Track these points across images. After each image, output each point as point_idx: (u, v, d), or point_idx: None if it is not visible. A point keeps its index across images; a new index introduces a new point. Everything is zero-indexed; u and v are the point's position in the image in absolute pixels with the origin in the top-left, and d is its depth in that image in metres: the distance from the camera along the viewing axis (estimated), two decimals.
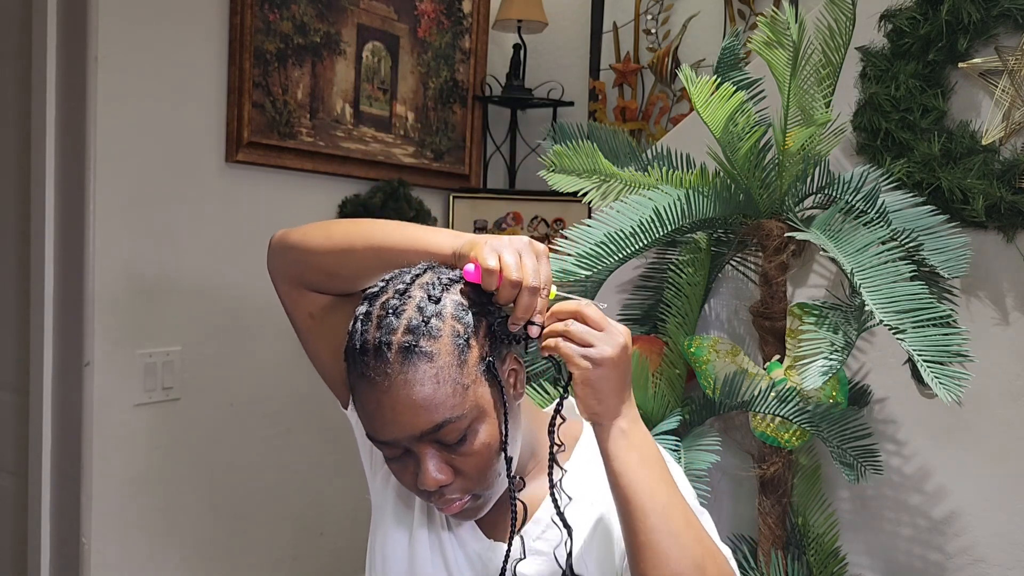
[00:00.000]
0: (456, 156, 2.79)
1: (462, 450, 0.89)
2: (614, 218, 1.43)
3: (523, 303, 0.87)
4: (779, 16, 1.44)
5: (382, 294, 0.90)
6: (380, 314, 0.88)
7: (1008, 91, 1.61)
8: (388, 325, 0.87)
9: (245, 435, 2.22)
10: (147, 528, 2.02)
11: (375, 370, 0.86)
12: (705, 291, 1.77)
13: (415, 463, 0.90)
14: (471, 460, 0.90)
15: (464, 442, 0.89)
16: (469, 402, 0.88)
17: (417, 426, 0.87)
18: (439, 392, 0.86)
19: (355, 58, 2.43)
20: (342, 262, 0.99)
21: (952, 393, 1.20)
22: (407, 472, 0.92)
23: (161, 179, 2.01)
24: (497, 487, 0.94)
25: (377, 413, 0.87)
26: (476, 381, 0.89)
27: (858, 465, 1.49)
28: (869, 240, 1.37)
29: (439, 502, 0.93)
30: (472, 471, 0.90)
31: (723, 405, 1.58)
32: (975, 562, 1.69)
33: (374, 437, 0.90)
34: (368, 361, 0.87)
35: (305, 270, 1.04)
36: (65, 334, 1.93)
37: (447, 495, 0.91)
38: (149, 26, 1.96)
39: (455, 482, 0.90)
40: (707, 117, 1.47)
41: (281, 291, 1.09)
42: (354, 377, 0.89)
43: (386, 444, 0.90)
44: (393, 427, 0.87)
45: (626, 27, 2.92)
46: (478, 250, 0.88)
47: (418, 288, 0.89)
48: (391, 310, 0.87)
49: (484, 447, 0.90)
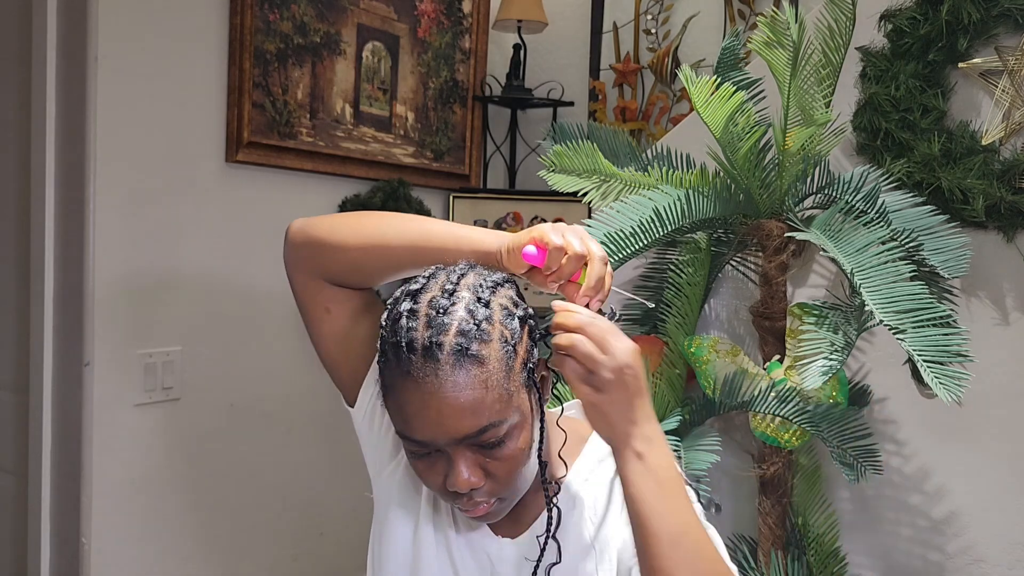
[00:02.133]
0: (456, 156, 2.79)
1: (497, 454, 0.89)
2: (614, 218, 1.43)
3: (595, 271, 0.89)
4: (779, 16, 1.44)
5: (426, 291, 0.89)
6: (429, 312, 0.86)
7: (1008, 91, 1.61)
8: (440, 325, 0.85)
9: (245, 435, 2.22)
10: (147, 528, 2.02)
11: (423, 370, 0.85)
12: (705, 291, 1.77)
13: (445, 463, 0.89)
14: (504, 464, 0.89)
15: (500, 446, 0.88)
16: (511, 408, 0.88)
17: (461, 429, 0.86)
18: (487, 397, 0.86)
19: (355, 58, 2.43)
20: (373, 257, 0.98)
21: (952, 393, 1.20)
22: (434, 472, 0.91)
23: (161, 179, 2.01)
24: (521, 490, 0.94)
25: (420, 413, 0.86)
26: (519, 387, 0.89)
27: (858, 465, 1.49)
28: (869, 240, 1.37)
29: (466, 504, 0.92)
30: (503, 475, 0.90)
31: (723, 405, 1.58)
32: (975, 562, 1.69)
33: (409, 436, 0.89)
34: (415, 360, 0.85)
35: (329, 263, 1.01)
36: (65, 334, 1.93)
37: (476, 498, 0.91)
38: (149, 26, 1.96)
39: (485, 485, 0.90)
40: (707, 117, 1.47)
41: (297, 283, 1.05)
42: (396, 375, 0.87)
43: (420, 443, 0.89)
44: (435, 428, 0.86)
45: (626, 27, 2.92)
46: (540, 232, 0.89)
47: (465, 289, 0.88)
48: (440, 309, 0.86)
49: (519, 452, 0.90)
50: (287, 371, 2.27)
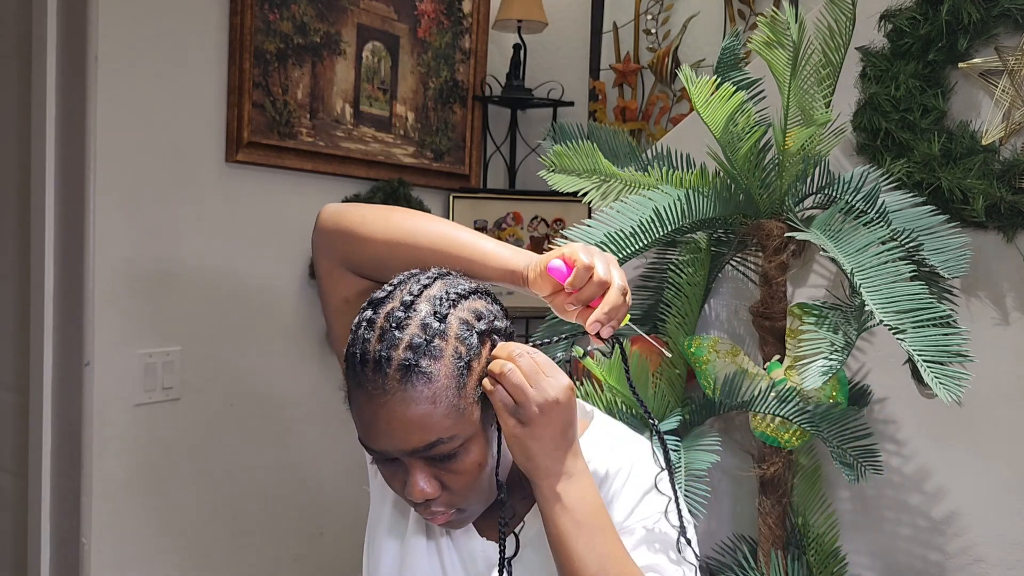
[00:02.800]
0: (456, 156, 2.79)
1: (451, 467, 0.89)
2: (614, 218, 1.43)
3: (611, 299, 0.89)
4: (779, 16, 1.44)
5: (388, 301, 0.89)
6: (384, 325, 0.87)
7: (1008, 91, 1.61)
8: (390, 339, 0.86)
9: (245, 435, 2.22)
10: (147, 528, 2.02)
11: (372, 383, 0.86)
12: (705, 291, 1.77)
13: (404, 472, 0.91)
14: (459, 478, 0.90)
15: (454, 459, 0.89)
16: (463, 424, 0.88)
17: (409, 443, 0.87)
18: (435, 413, 0.86)
19: (355, 58, 2.43)
20: (399, 255, 0.98)
21: (952, 393, 1.20)
22: (396, 479, 0.93)
23: (161, 179, 2.01)
24: (483, 502, 0.95)
25: (372, 424, 0.88)
26: (472, 403, 0.89)
27: (858, 465, 1.49)
28: (869, 240, 1.37)
29: (424, 513, 0.94)
30: (460, 488, 0.91)
31: (723, 405, 1.58)
32: (975, 562, 1.69)
33: (365, 444, 0.91)
34: (367, 373, 0.87)
35: (356, 254, 1.01)
36: (65, 334, 1.93)
37: (432, 508, 0.92)
38: (149, 26, 1.96)
39: (441, 496, 0.91)
40: (707, 117, 1.47)
41: (323, 269, 1.05)
42: (352, 385, 0.89)
43: (376, 452, 0.91)
44: (386, 439, 0.88)
45: (626, 27, 2.92)
46: (572, 249, 0.90)
47: (425, 302, 0.88)
48: (395, 323, 0.87)
49: (474, 466, 0.90)
50: (287, 371, 2.27)
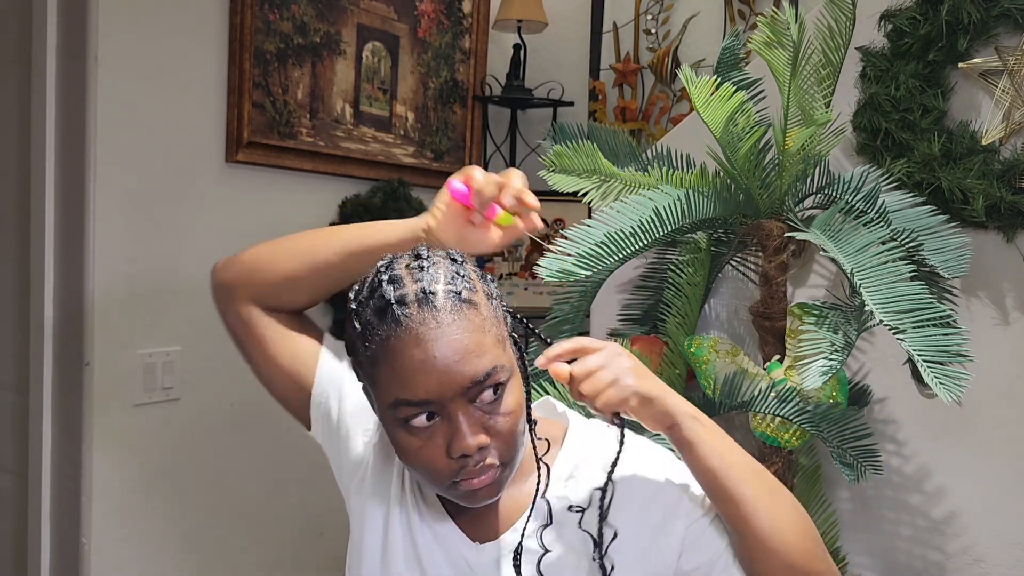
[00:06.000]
0: (456, 156, 2.79)
1: (498, 409, 0.87)
2: (614, 218, 1.43)
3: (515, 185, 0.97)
4: (779, 16, 1.44)
5: (397, 263, 0.90)
6: (411, 272, 0.87)
7: (1008, 91, 1.61)
8: (428, 277, 0.86)
9: (245, 435, 2.22)
10: (147, 528, 2.02)
11: (420, 320, 0.84)
12: (705, 291, 1.77)
13: (445, 431, 0.86)
14: (506, 420, 0.88)
15: (499, 401, 0.87)
16: (507, 355, 0.89)
17: (466, 374, 0.84)
18: (486, 340, 0.86)
19: (355, 58, 2.43)
20: (308, 263, 1.03)
21: (952, 393, 1.20)
22: (432, 445, 0.87)
23: (161, 179, 2.01)
24: (517, 460, 0.92)
25: (420, 367, 0.84)
26: (506, 339, 0.91)
27: (858, 465, 1.49)
28: (869, 240, 1.37)
29: (473, 471, 0.87)
30: (506, 433, 0.88)
31: (723, 405, 1.58)
32: (975, 562, 1.69)
33: (409, 399, 0.85)
34: (410, 313, 0.84)
35: (262, 282, 1.05)
36: (65, 334, 1.93)
37: (487, 459, 0.87)
38: (149, 26, 1.96)
39: (491, 444, 0.87)
40: (707, 117, 1.47)
41: (230, 316, 1.09)
42: (387, 338, 0.85)
43: (422, 404, 0.85)
44: (441, 378, 0.84)
45: (626, 27, 2.92)
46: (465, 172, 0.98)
47: (434, 255, 0.91)
48: (421, 267, 0.88)
49: (517, 406, 0.89)
50: None
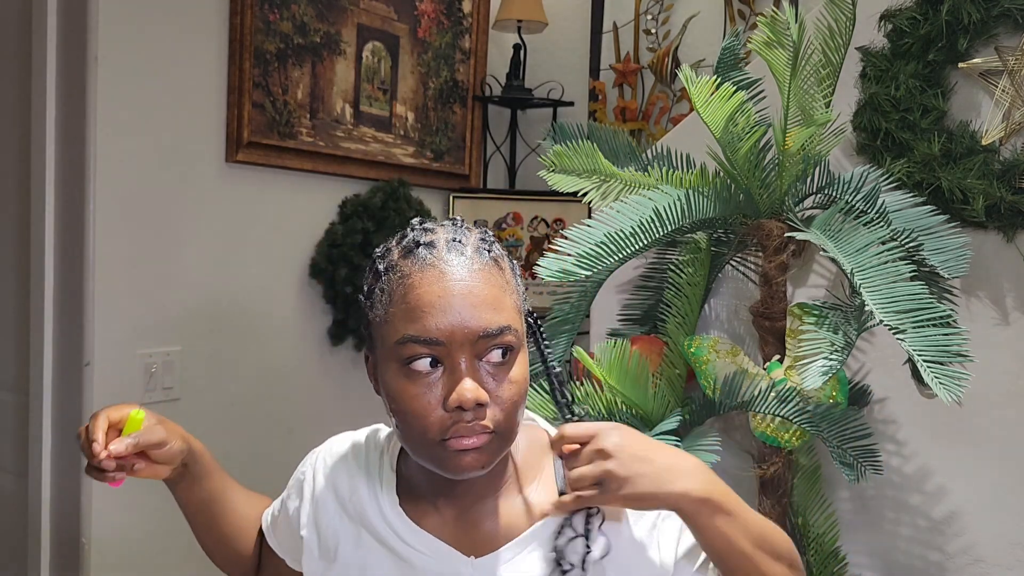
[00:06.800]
0: (456, 156, 2.79)
1: (504, 374, 0.88)
2: (614, 218, 1.43)
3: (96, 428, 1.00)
4: (779, 16, 1.44)
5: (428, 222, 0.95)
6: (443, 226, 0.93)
7: (1008, 91, 1.61)
8: (459, 232, 0.92)
9: (245, 435, 2.22)
10: (147, 528, 2.02)
11: (449, 261, 0.88)
12: (705, 291, 1.77)
13: (446, 382, 0.86)
14: (508, 388, 0.88)
15: (507, 365, 0.88)
16: (521, 324, 0.91)
17: (480, 322, 0.86)
18: (506, 299, 0.89)
19: (355, 58, 2.43)
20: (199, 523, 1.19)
21: (952, 393, 1.20)
22: (431, 395, 0.86)
23: (161, 179, 2.01)
24: (510, 440, 0.91)
25: (437, 303, 0.85)
26: (522, 315, 0.93)
27: (858, 465, 1.49)
28: (869, 240, 1.37)
29: (466, 428, 0.86)
30: (506, 400, 0.88)
31: (723, 405, 1.58)
32: (975, 562, 1.69)
33: (422, 336, 0.85)
34: (440, 254, 0.88)
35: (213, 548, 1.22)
36: (65, 334, 1.93)
37: (480, 419, 0.86)
38: (149, 26, 1.96)
39: (489, 406, 0.87)
40: (707, 117, 1.47)
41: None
42: (413, 272, 0.87)
43: (432, 343, 0.85)
44: (457, 318, 0.85)
45: (626, 27, 2.92)
46: None
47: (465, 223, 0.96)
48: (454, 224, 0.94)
49: (522, 379, 0.90)
50: (287, 371, 2.27)
